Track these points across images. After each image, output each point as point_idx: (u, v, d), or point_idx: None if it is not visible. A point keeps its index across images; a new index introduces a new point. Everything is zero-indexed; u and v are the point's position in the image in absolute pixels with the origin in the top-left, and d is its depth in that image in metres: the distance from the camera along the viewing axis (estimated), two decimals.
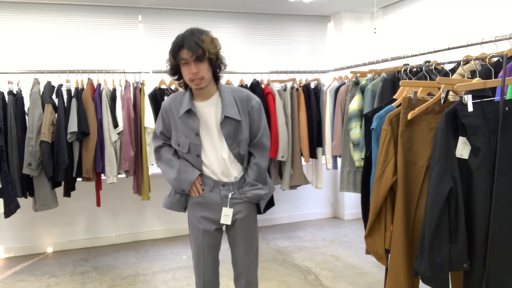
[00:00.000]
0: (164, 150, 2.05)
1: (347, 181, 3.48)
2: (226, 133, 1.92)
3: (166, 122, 2.01)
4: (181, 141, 1.96)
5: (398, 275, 1.78)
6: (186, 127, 1.92)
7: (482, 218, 1.56)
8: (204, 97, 1.94)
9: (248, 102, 1.98)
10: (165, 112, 2.00)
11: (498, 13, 3.28)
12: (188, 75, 1.82)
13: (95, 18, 4.13)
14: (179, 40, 1.80)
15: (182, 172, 1.96)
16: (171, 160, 2.01)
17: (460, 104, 1.59)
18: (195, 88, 1.88)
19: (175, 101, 1.97)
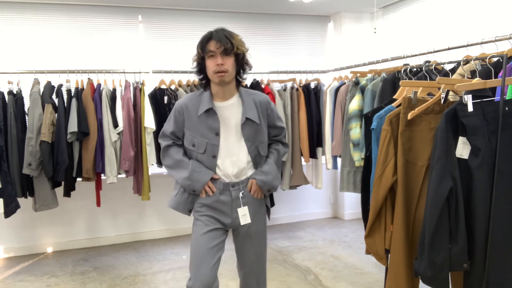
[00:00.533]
0: (173, 149, 2.01)
1: (347, 181, 3.48)
2: (246, 135, 1.93)
3: (179, 122, 1.97)
4: (197, 141, 1.92)
5: (398, 275, 1.78)
6: (205, 126, 1.91)
7: (482, 218, 1.56)
8: (224, 97, 1.94)
9: (268, 105, 2.02)
10: (179, 111, 1.96)
11: (498, 13, 3.28)
12: (213, 67, 1.82)
13: (95, 18, 4.13)
14: (209, 33, 1.85)
15: (195, 172, 1.92)
16: (182, 160, 1.96)
17: (460, 104, 1.59)
18: (218, 81, 1.85)
19: (193, 100, 1.95)
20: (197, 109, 1.92)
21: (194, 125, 1.93)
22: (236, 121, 1.93)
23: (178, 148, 2.01)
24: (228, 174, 1.94)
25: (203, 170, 1.93)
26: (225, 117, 1.93)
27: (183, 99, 1.99)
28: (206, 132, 1.90)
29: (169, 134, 2.01)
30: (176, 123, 1.98)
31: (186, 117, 1.94)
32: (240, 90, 1.99)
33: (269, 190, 1.99)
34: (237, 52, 1.86)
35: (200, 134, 1.92)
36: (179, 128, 1.98)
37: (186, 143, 1.97)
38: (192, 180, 1.92)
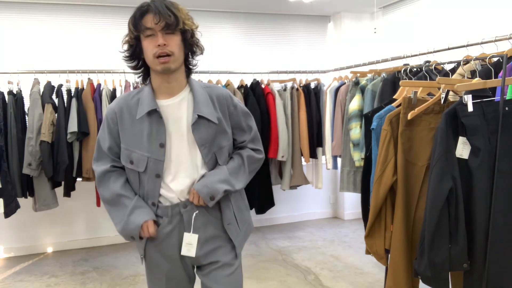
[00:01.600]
0: (112, 178, 1.50)
1: (347, 181, 3.48)
2: (200, 138, 1.46)
3: (114, 132, 1.49)
4: (135, 157, 1.45)
5: (398, 275, 1.78)
6: (145, 136, 1.44)
7: (482, 218, 1.56)
8: (170, 92, 1.48)
9: (229, 100, 1.55)
10: (112, 118, 1.49)
11: (498, 13, 3.28)
12: (153, 49, 1.37)
13: (95, 18, 4.13)
14: (144, 4, 1.39)
15: (131, 214, 1.46)
16: (122, 195, 1.48)
17: (460, 104, 1.59)
18: (160, 68, 1.40)
19: (128, 102, 1.48)
20: (134, 113, 1.46)
21: (131, 135, 1.45)
22: (188, 121, 1.48)
23: (118, 175, 1.52)
24: (179, 192, 1.48)
25: (141, 210, 1.46)
26: (174, 117, 1.47)
27: (116, 102, 1.51)
28: (148, 144, 1.44)
29: (106, 151, 1.51)
30: (111, 134, 1.49)
31: (121, 126, 1.47)
32: (191, 81, 1.52)
33: (212, 196, 1.45)
34: (184, 29, 1.41)
35: (138, 146, 1.44)
36: (116, 142, 1.50)
37: (122, 160, 1.49)
38: (127, 224, 1.45)
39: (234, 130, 1.58)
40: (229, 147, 1.57)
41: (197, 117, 1.45)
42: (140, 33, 1.40)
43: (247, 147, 1.61)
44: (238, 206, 1.59)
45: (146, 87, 1.49)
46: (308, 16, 4.84)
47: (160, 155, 1.45)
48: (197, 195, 1.46)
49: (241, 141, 1.60)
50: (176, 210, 1.48)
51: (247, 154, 1.58)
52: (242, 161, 1.57)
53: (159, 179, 1.46)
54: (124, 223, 1.45)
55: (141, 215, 1.45)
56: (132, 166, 1.47)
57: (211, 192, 1.45)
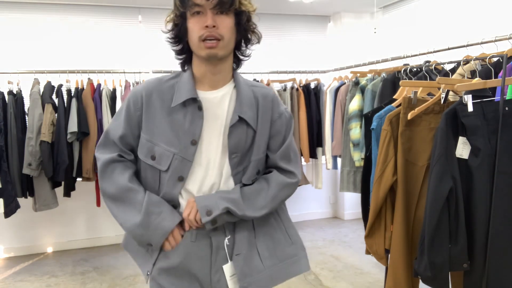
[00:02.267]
0: (118, 169, 1.25)
1: (347, 181, 3.47)
2: (233, 145, 1.22)
3: (134, 120, 1.24)
4: (158, 151, 1.21)
5: (398, 275, 1.78)
6: (176, 128, 1.20)
7: (482, 218, 1.56)
8: (214, 84, 1.24)
9: (275, 105, 1.30)
10: (136, 102, 1.24)
11: (498, 13, 3.28)
12: (199, 31, 1.13)
13: (95, 18, 4.13)
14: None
15: (152, 214, 1.19)
16: (130, 189, 1.22)
17: (460, 104, 1.59)
18: (205, 54, 1.15)
19: (161, 86, 1.24)
20: (168, 100, 1.22)
21: (158, 125, 1.22)
22: (225, 122, 1.23)
23: (125, 166, 1.27)
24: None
25: (164, 209, 1.21)
26: (212, 115, 1.23)
27: (145, 84, 1.27)
28: (175, 137, 1.20)
29: (116, 141, 1.26)
30: (128, 122, 1.25)
31: (147, 112, 1.23)
32: (236, 76, 1.29)
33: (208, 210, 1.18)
34: (240, 10, 1.19)
35: (164, 139, 1.21)
36: (132, 131, 1.25)
37: (141, 153, 1.25)
38: (147, 227, 1.19)
39: (270, 142, 1.30)
40: (259, 163, 1.29)
41: (237, 119, 1.21)
42: (186, 9, 1.16)
43: (278, 166, 1.31)
44: (270, 236, 1.30)
45: (186, 73, 1.25)
46: (308, 16, 4.83)
47: (190, 153, 1.20)
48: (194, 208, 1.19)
49: (271, 158, 1.31)
50: (202, 233, 1.22)
51: (276, 179, 1.29)
52: (267, 186, 1.27)
53: (180, 183, 1.21)
54: (142, 225, 1.18)
55: (170, 217, 1.19)
56: (153, 163, 1.22)
57: (208, 206, 1.18)
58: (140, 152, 1.25)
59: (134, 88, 1.28)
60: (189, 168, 1.21)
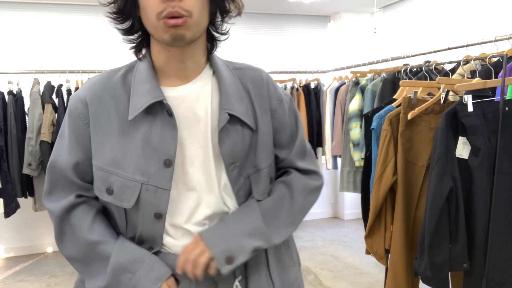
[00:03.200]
0: (79, 215, 0.90)
1: (347, 181, 3.48)
2: (229, 153, 0.89)
3: (85, 137, 0.88)
4: (116, 182, 0.86)
5: (398, 275, 1.78)
6: (139, 146, 0.85)
7: (482, 218, 1.56)
8: (183, 75, 0.91)
9: (272, 89, 0.98)
10: (81, 114, 0.88)
11: (498, 13, 3.28)
12: (158, 5, 0.79)
13: (95, 18, 4.13)
14: None
15: (123, 273, 0.86)
16: (93, 243, 0.88)
17: (460, 104, 1.59)
18: (169, 38, 0.81)
19: (111, 86, 0.90)
20: (124, 105, 0.88)
21: (114, 144, 0.86)
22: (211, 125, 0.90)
23: (87, 209, 0.91)
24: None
25: (140, 266, 0.86)
26: (189, 119, 0.89)
27: (88, 86, 0.90)
28: (140, 159, 0.85)
29: (67, 173, 0.89)
30: (78, 142, 0.89)
31: (95, 128, 0.88)
32: (213, 59, 0.95)
33: (230, 256, 0.86)
34: None
35: (123, 164, 0.85)
36: (86, 154, 0.89)
37: (95, 187, 0.90)
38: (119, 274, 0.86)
39: (276, 138, 0.98)
40: (270, 169, 0.97)
41: (228, 118, 0.88)
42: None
43: (296, 167, 1.01)
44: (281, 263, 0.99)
45: (142, 64, 0.91)
46: (308, 16, 4.83)
47: (164, 179, 0.85)
48: (205, 255, 0.85)
49: (284, 158, 1.00)
50: (207, 280, 0.89)
51: (300, 183, 0.98)
52: (289, 194, 0.96)
53: (160, 222, 0.87)
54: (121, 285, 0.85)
55: (151, 275, 0.85)
56: (112, 199, 0.87)
57: (229, 250, 0.86)
58: (94, 186, 0.90)
59: (73, 96, 0.91)
60: (167, 199, 0.86)
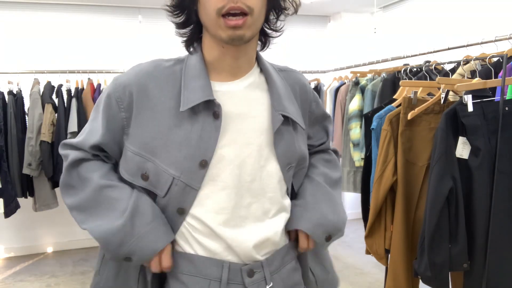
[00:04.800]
0: (93, 165, 0.92)
1: (347, 181, 3.47)
2: (284, 155, 0.92)
3: (117, 124, 0.89)
4: (153, 169, 0.86)
5: (398, 275, 1.78)
6: (179, 141, 0.85)
7: (482, 218, 1.56)
8: (234, 72, 0.90)
9: (309, 92, 1.03)
10: (120, 101, 0.87)
11: (498, 13, 3.28)
12: (218, 1, 0.78)
13: (95, 18, 4.13)
14: None
15: (141, 216, 0.85)
16: (103, 187, 0.88)
17: (460, 104, 1.59)
18: (228, 37, 0.81)
19: (160, 75, 0.88)
20: (172, 96, 0.87)
21: (156, 133, 0.86)
22: (258, 124, 0.90)
23: (100, 163, 0.94)
24: (245, 251, 0.88)
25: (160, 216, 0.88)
26: (238, 117, 0.89)
27: (134, 72, 0.89)
28: (178, 154, 0.85)
29: (88, 149, 0.93)
30: (108, 125, 0.90)
31: (139, 115, 0.87)
32: (260, 58, 0.97)
33: (330, 234, 0.98)
34: None
35: (164, 155, 0.85)
36: (115, 138, 0.91)
37: (126, 171, 0.90)
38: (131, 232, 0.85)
39: (313, 132, 1.06)
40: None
41: (282, 119, 0.89)
42: None
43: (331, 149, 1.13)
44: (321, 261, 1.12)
45: (193, 58, 0.89)
46: (308, 16, 4.83)
47: (196, 179, 0.85)
48: (312, 244, 0.96)
49: (319, 144, 1.10)
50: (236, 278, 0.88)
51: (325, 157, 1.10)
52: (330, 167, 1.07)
53: (181, 217, 0.88)
54: (125, 227, 0.84)
55: (160, 231, 0.86)
56: (146, 184, 0.88)
57: (328, 230, 0.96)
58: (125, 169, 0.90)
59: (117, 79, 0.89)
60: (193, 198, 0.86)
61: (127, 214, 0.85)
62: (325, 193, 0.98)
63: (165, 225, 0.88)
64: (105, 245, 0.85)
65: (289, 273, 0.96)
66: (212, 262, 0.87)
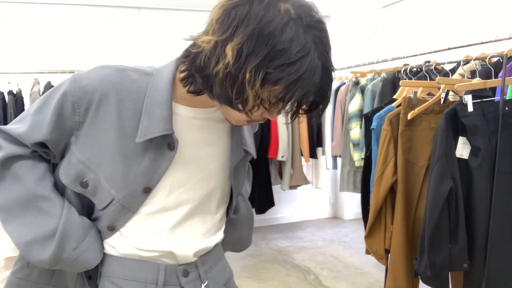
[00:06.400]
0: (28, 165, 0.86)
1: (347, 181, 3.48)
2: (239, 185, 0.99)
3: (67, 125, 0.83)
4: (93, 181, 0.84)
5: (398, 275, 1.78)
6: (128, 164, 0.82)
7: (482, 218, 1.56)
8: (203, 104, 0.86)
9: None
10: (78, 104, 0.81)
11: (498, 13, 3.28)
12: (259, 116, 0.77)
13: (95, 18, 4.13)
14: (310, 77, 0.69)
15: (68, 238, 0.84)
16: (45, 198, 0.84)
17: (460, 104, 1.59)
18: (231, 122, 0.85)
19: (120, 88, 0.82)
20: (129, 114, 0.82)
21: (104, 148, 0.82)
22: (218, 154, 0.92)
23: (38, 161, 0.88)
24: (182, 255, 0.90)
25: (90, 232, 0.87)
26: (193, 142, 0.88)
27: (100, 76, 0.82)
28: (124, 177, 0.83)
29: (28, 144, 0.85)
30: (58, 123, 0.83)
31: (93, 123, 0.82)
32: None
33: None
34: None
35: (108, 173, 0.83)
36: (59, 136, 0.85)
37: (65, 175, 0.86)
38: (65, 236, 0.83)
39: None
40: None
41: (243, 154, 0.94)
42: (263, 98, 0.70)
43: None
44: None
45: (164, 76, 0.83)
46: None
47: (135, 203, 0.85)
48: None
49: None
50: (172, 279, 0.90)
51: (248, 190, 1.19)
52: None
53: (111, 232, 0.88)
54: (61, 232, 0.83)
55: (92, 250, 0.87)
56: (83, 191, 0.85)
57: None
58: (65, 173, 0.85)
59: (78, 80, 0.82)
60: (127, 219, 0.86)
61: (56, 240, 0.82)
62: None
63: (97, 241, 0.88)
64: (27, 255, 0.84)
65: (221, 271, 1.01)
66: (147, 265, 0.88)
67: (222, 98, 0.72)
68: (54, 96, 0.84)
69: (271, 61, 0.66)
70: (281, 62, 0.66)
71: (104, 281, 0.89)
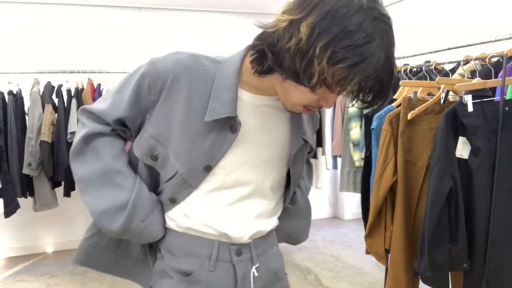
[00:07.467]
0: (106, 142, 0.95)
1: (347, 181, 3.47)
2: (299, 173, 1.04)
3: (144, 104, 0.91)
4: (163, 154, 0.92)
5: (398, 275, 1.78)
6: (194, 140, 0.89)
7: (482, 218, 1.56)
8: (266, 92, 0.91)
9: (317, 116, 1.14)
10: (153, 85, 0.89)
11: (498, 13, 3.28)
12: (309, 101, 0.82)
13: (95, 18, 4.13)
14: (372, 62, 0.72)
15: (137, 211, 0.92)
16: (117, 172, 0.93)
17: (460, 104, 1.59)
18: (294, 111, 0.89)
19: (192, 72, 0.89)
20: (199, 96, 0.88)
21: (175, 125, 0.89)
22: (278, 143, 0.97)
23: (117, 140, 0.97)
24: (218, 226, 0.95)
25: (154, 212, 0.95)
26: (260, 133, 0.94)
27: (174, 60, 0.90)
28: (189, 153, 0.89)
29: (110, 122, 0.94)
30: (135, 103, 0.92)
31: (165, 103, 0.90)
32: None
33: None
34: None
35: (176, 148, 0.90)
36: (137, 114, 0.93)
37: (137, 148, 0.95)
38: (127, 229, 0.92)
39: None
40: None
41: (302, 143, 0.98)
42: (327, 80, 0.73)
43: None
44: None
45: (232, 65, 0.89)
46: None
47: (196, 179, 0.92)
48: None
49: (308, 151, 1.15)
50: (225, 256, 0.95)
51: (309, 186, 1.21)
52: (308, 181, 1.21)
53: (172, 205, 0.96)
54: (133, 204, 0.91)
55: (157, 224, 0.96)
56: (153, 164, 0.94)
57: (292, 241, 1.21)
58: (138, 146, 0.94)
59: (155, 63, 0.90)
60: (188, 194, 0.93)
61: (127, 212, 0.91)
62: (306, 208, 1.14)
63: (161, 216, 0.97)
64: (100, 224, 0.93)
65: (273, 257, 1.04)
66: (202, 241, 0.95)
67: (290, 72, 0.76)
68: (133, 78, 0.92)
69: (340, 41, 0.70)
70: (348, 43, 0.70)
71: (164, 252, 0.98)
